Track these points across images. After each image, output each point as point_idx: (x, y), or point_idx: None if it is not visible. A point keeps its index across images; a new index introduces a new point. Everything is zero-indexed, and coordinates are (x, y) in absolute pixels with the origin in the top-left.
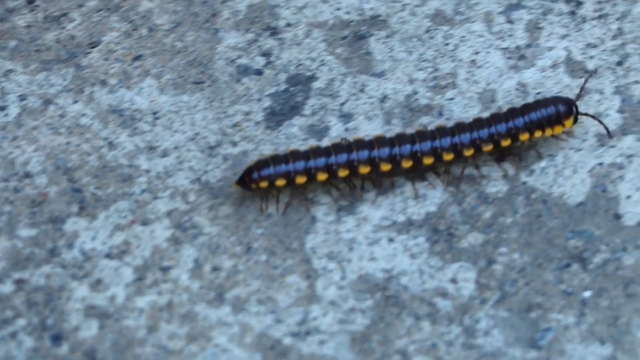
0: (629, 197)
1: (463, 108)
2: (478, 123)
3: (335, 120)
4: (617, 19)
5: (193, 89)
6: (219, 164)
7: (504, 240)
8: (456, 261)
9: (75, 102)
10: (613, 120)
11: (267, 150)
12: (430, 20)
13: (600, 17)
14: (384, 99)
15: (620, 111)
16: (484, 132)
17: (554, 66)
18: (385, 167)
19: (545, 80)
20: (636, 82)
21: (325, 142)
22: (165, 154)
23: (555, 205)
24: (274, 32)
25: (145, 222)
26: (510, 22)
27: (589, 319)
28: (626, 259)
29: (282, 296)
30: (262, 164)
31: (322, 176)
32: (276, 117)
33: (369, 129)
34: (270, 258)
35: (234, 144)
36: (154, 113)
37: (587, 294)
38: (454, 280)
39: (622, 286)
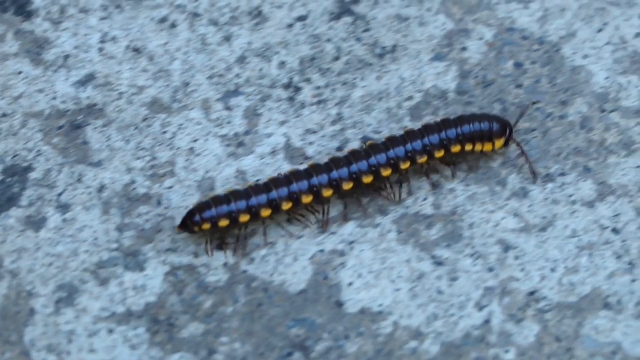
0: (350, 284)
1: (182, 197)
2: (411, 135)
3: (52, 211)
4: (337, 104)
5: None
6: None
7: (225, 329)
8: (177, 352)
9: None
10: (333, 206)
11: None
12: (148, 109)
13: (319, 102)
14: (101, 188)
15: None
16: (418, 144)
17: (274, 153)
18: (327, 193)
19: (265, 167)
20: None
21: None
22: None
23: (276, 294)
24: None
25: None
26: (228, 109)
27: None
28: (349, 346)
29: None
30: (203, 205)
31: (265, 212)
32: None
33: (86, 220)
34: None
35: None
36: None
37: None
38: None
39: None
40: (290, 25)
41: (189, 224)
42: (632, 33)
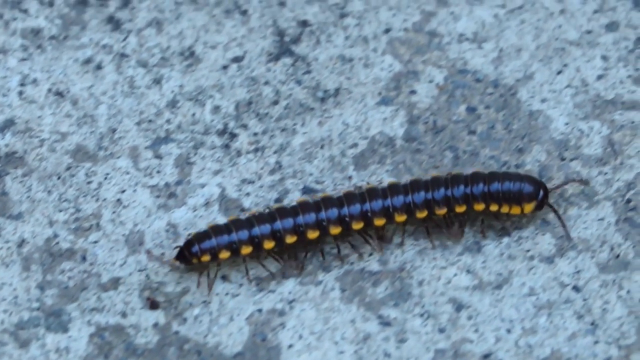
0: (290, 346)
1: (108, 252)
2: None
3: None
4: (275, 152)
5: None
6: None
7: None
8: None
9: None
10: (273, 262)
11: None
12: (71, 157)
13: (256, 150)
14: (21, 243)
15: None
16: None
17: (207, 204)
18: (335, 230)
19: (198, 220)
20: None
21: None
22: None
23: (210, 356)
24: None
25: None
26: (158, 157)
27: None
28: None
29: None
30: (202, 235)
31: (268, 244)
32: None
33: (5, 277)
34: None
35: None
36: None
37: None
38: None
39: None
40: (225, 67)
41: (186, 254)
42: (594, 75)
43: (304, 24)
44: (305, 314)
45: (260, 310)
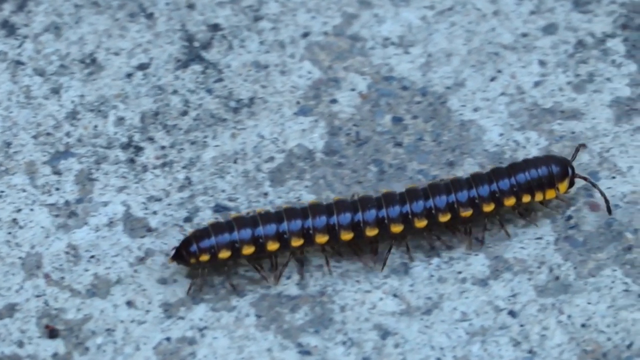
0: None
1: (3, 276)
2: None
3: None
4: (184, 167)
5: None
6: None
7: None
8: None
9: None
10: (182, 286)
11: None
12: None
13: (164, 165)
14: None
15: (190, 276)
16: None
17: (111, 224)
18: (347, 235)
19: (101, 241)
20: None
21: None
22: None
23: None
24: None
25: None
26: (57, 173)
27: None
28: None
29: None
30: (201, 234)
31: (272, 246)
32: None
33: None
34: None
35: None
36: None
37: None
38: None
39: None
40: (130, 75)
41: (184, 254)
42: (531, 82)
43: (215, 27)
44: (218, 342)
45: (168, 339)
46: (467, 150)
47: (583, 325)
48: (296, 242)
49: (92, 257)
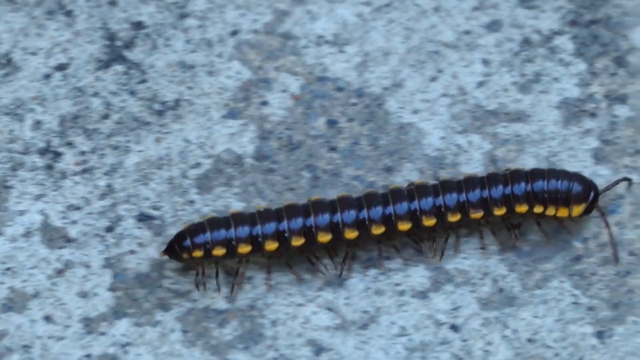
0: None
1: None
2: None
3: None
4: (106, 174)
5: None
6: None
7: None
8: None
9: None
10: (103, 300)
11: None
12: None
13: (84, 171)
14: None
15: (112, 289)
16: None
17: (28, 234)
18: (351, 234)
19: (17, 252)
20: (131, 251)
21: None
22: None
23: None
24: None
25: None
26: None
27: None
28: None
29: None
30: (196, 228)
31: (271, 245)
32: None
33: None
34: None
35: None
36: None
37: None
38: None
39: None
40: (48, 76)
41: (176, 249)
42: (474, 82)
43: (138, 25)
44: (142, 359)
45: (89, 356)
46: (406, 155)
47: (529, 340)
48: (297, 242)
49: (8, 269)
